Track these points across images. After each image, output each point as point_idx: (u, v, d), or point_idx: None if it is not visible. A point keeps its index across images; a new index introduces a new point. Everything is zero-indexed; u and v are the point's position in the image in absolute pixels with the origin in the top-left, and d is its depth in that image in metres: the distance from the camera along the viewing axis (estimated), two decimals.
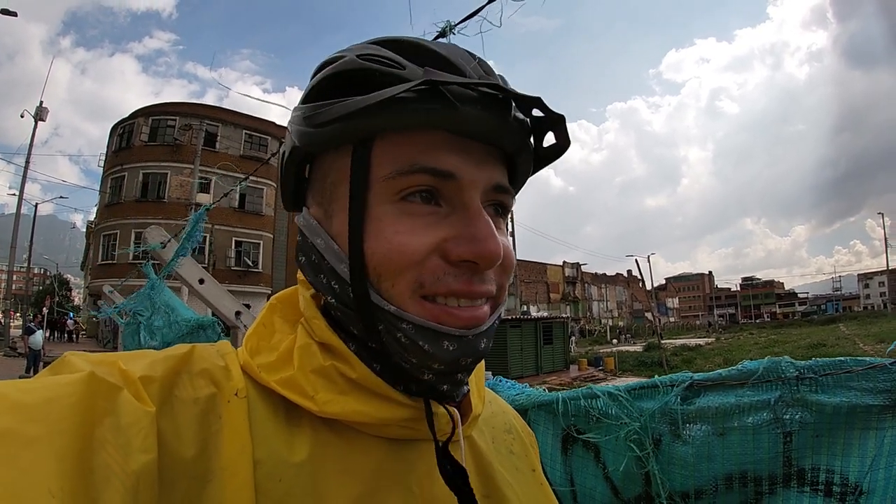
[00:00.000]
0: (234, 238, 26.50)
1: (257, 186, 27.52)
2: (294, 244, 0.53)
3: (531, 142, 0.48)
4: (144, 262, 3.65)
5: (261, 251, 27.56)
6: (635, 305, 74.11)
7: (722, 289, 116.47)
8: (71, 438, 0.31)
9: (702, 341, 37.13)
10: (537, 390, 1.30)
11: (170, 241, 2.98)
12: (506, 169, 0.48)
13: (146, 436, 0.35)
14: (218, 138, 26.96)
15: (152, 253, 3.00)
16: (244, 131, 27.82)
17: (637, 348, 31.12)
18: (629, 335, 50.05)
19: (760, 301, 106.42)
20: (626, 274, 74.69)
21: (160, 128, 26.57)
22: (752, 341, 33.23)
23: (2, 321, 23.02)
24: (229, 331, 2.72)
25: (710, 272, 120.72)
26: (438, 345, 0.42)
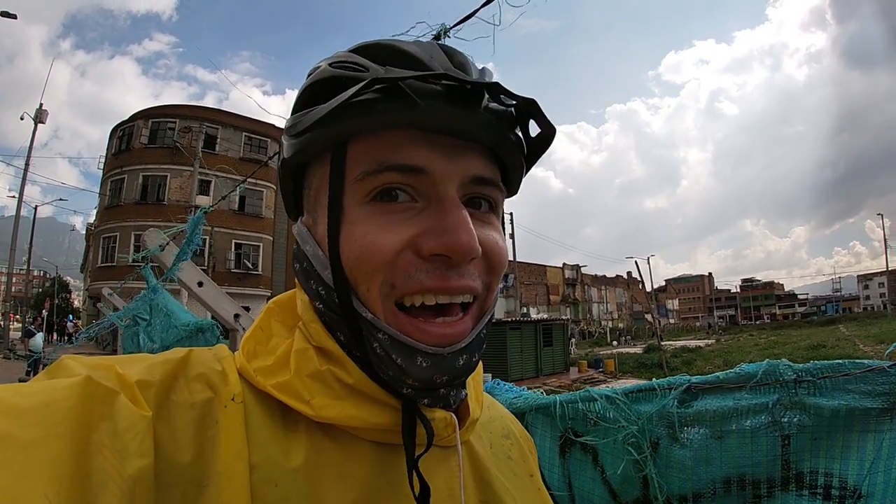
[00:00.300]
0: (234, 240, 26.50)
1: (257, 189, 27.55)
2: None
3: (515, 133, 0.46)
4: (143, 265, 3.63)
5: (260, 253, 27.57)
6: (635, 307, 73.99)
7: (722, 290, 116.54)
8: (68, 443, 0.31)
9: (702, 343, 37.20)
10: (535, 393, 1.30)
11: (168, 244, 2.97)
12: (492, 162, 0.46)
13: (143, 440, 0.34)
14: (218, 141, 26.99)
15: (152, 256, 2.99)
16: (244, 134, 27.84)
17: (637, 350, 31.14)
18: (629, 337, 50.04)
19: (760, 302, 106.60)
20: (626, 276, 74.63)
21: (160, 130, 26.59)
22: (752, 343, 33.26)
23: (1, 324, 22.96)
24: (228, 333, 2.71)
25: (710, 274, 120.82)
26: (412, 360, 0.42)
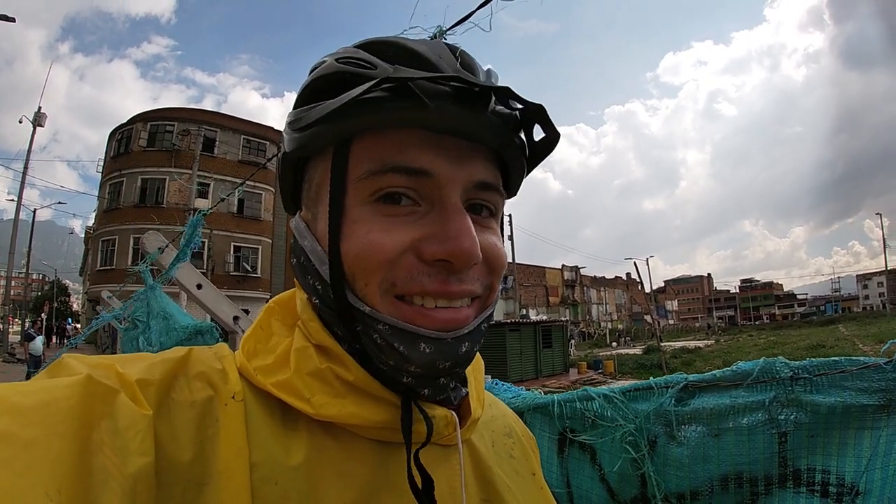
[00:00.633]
0: (233, 243, 26.51)
1: (256, 192, 27.56)
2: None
3: (519, 137, 0.46)
4: (143, 267, 3.62)
5: (259, 256, 27.57)
6: (634, 308, 74.01)
7: (721, 291, 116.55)
8: (69, 441, 0.31)
9: (701, 343, 37.15)
10: (533, 393, 1.30)
11: (168, 247, 2.97)
12: (495, 167, 0.47)
13: (143, 439, 0.34)
14: (216, 143, 27.01)
15: (154, 261, 3.00)
16: (242, 136, 27.88)
17: (637, 351, 31.10)
18: (629, 338, 50.01)
19: (759, 303, 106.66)
20: (626, 277, 74.65)
21: (159, 133, 26.60)
22: (752, 343, 33.23)
23: (1, 327, 22.93)
24: (227, 336, 2.71)
25: (709, 274, 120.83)
26: (414, 347, 0.42)
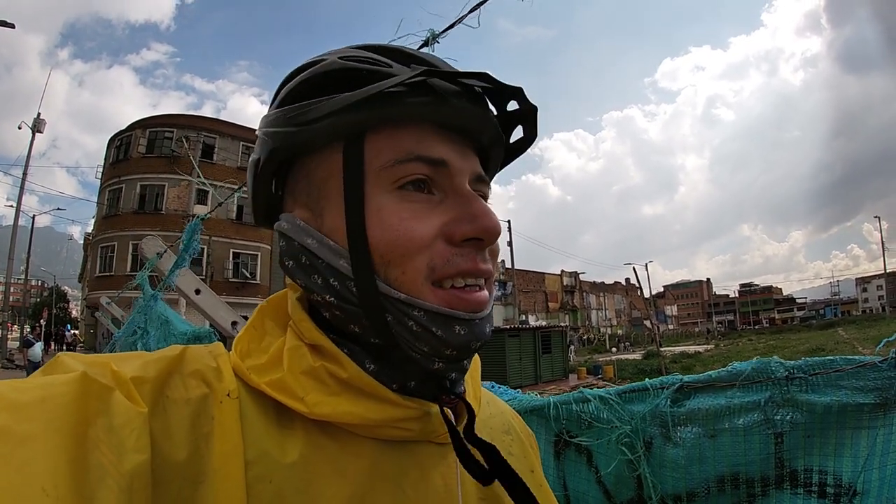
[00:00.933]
0: (232, 250, 26.48)
1: None
2: None
3: (506, 135, 0.52)
4: (142, 277, 3.61)
5: (258, 263, 27.52)
6: (634, 313, 73.90)
7: (720, 295, 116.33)
8: (65, 437, 0.31)
9: (701, 348, 37.13)
10: (529, 395, 1.30)
11: (166, 252, 2.97)
12: (478, 161, 0.51)
13: (139, 436, 0.34)
14: (215, 150, 27.04)
15: (153, 267, 3.00)
16: (241, 143, 27.87)
17: (636, 356, 31.09)
18: (628, 343, 49.99)
19: (759, 307, 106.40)
20: (625, 282, 74.58)
21: (158, 140, 26.64)
22: (752, 347, 33.16)
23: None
24: (225, 342, 2.71)
25: (709, 279, 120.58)
26: (450, 330, 0.43)
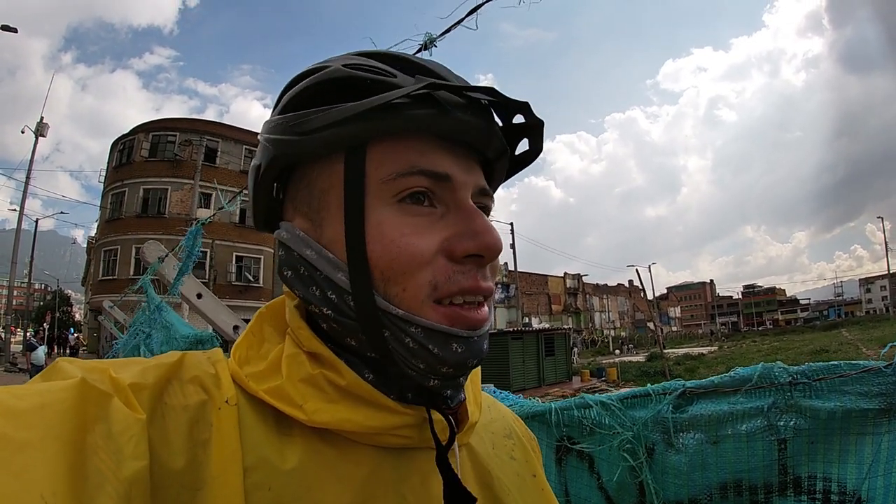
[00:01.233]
0: (235, 253, 26.49)
1: None
2: None
3: (511, 148, 0.51)
4: (145, 281, 3.61)
5: (261, 266, 27.52)
6: (637, 315, 73.72)
7: (724, 297, 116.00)
8: (63, 444, 0.31)
9: (704, 350, 37.00)
10: (531, 401, 1.29)
11: (168, 256, 2.97)
12: (482, 174, 0.50)
13: (137, 443, 0.34)
14: (218, 154, 27.08)
15: (155, 272, 3.00)
16: (244, 147, 27.93)
17: (640, 358, 31.00)
18: (632, 345, 49.90)
19: (762, 308, 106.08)
20: (628, 284, 74.30)
21: (160, 143, 26.69)
22: (755, 349, 33.08)
23: (2, 337, 22.92)
24: (227, 346, 2.71)
25: (712, 280, 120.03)
26: (447, 347, 0.42)
